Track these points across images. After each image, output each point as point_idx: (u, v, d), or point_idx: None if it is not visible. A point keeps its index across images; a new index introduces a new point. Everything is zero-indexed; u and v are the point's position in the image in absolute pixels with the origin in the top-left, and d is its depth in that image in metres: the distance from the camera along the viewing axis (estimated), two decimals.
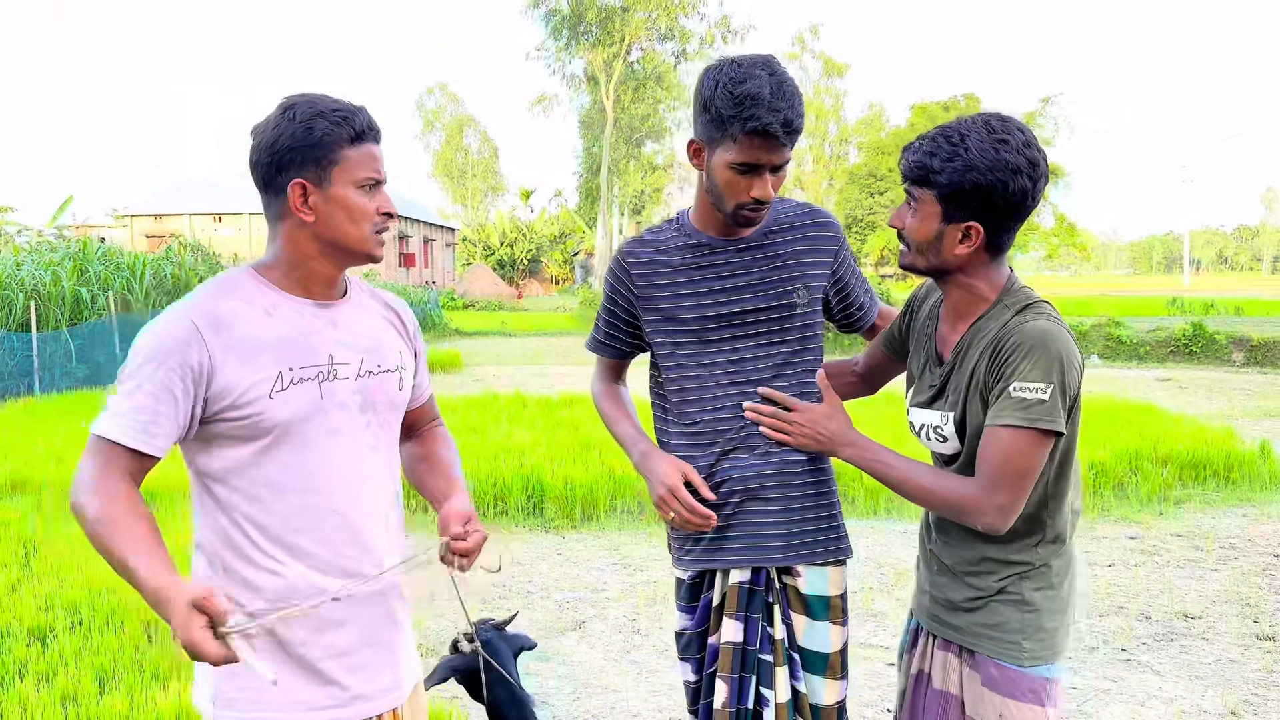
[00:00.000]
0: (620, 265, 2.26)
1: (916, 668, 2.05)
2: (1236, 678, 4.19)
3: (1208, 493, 7.73)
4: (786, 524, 2.18)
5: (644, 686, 4.18)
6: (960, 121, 1.83)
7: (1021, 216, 1.84)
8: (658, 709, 3.97)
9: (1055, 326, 1.80)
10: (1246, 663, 4.34)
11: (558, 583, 5.66)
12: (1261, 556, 6.02)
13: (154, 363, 1.64)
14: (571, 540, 6.65)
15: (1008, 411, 1.78)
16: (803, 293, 2.17)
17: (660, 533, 6.80)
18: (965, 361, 1.89)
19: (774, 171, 2.03)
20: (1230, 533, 6.59)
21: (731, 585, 2.18)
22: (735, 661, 2.16)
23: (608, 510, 7.22)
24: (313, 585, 1.73)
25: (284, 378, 1.70)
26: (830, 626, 2.19)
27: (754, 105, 1.94)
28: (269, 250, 1.79)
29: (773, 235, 2.18)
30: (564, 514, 7.12)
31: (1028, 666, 1.88)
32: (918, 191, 1.86)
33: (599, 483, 7.28)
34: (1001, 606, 1.90)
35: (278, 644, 1.72)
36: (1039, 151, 1.81)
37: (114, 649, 4.35)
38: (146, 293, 18.86)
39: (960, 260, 1.87)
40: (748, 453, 2.18)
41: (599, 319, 2.38)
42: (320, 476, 1.73)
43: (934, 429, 1.95)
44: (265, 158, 1.72)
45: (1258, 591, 5.32)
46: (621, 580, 5.71)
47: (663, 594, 5.40)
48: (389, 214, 1.78)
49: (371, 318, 1.88)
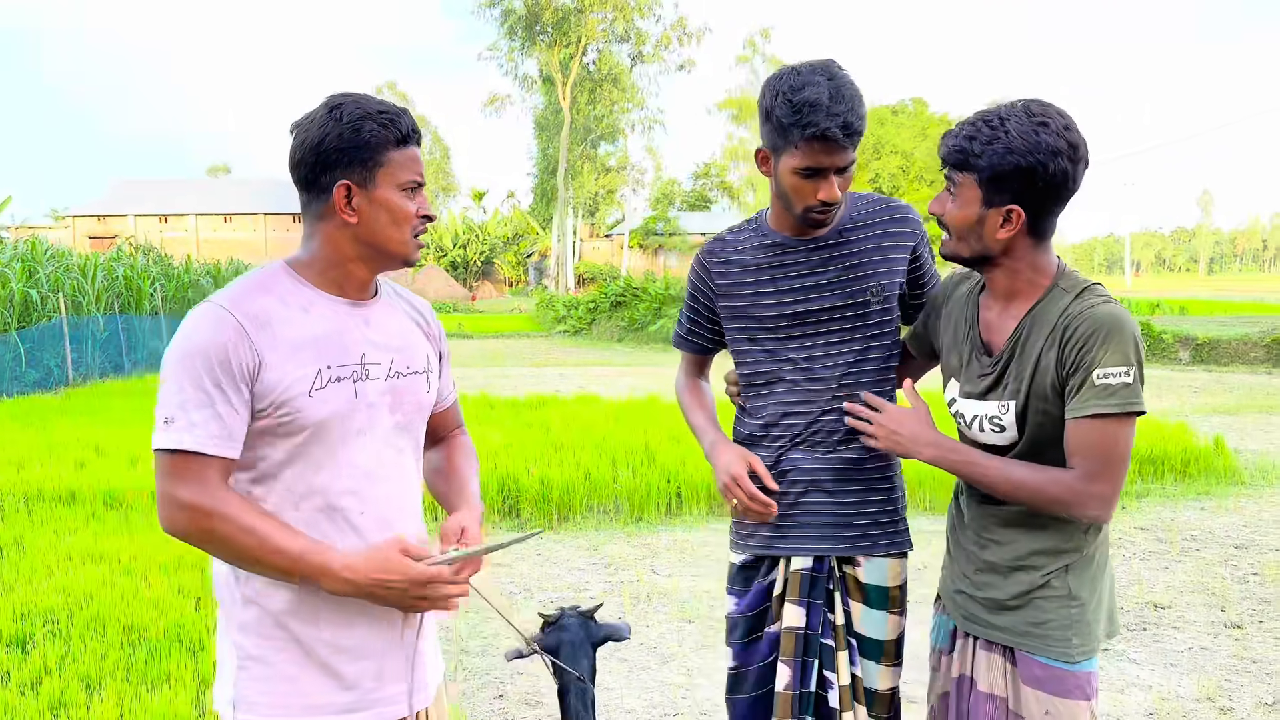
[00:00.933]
0: (701, 264, 2.35)
1: (959, 671, 2.05)
2: (1209, 665, 4.33)
3: (1166, 486, 7.96)
4: (848, 515, 2.25)
5: (636, 684, 4.22)
6: (1000, 107, 1.84)
7: (1063, 199, 1.83)
8: (651, 705, 4.01)
9: (1121, 309, 1.80)
10: (1217, 650, 4.49)
11: (539, 583, 5.68)
12: (1222, 548, 6.22)
13: (209, 363, 1.61)
14: (549, 541, 6.66)
15: (1095, 400, 1.77)
16: (876, 290, 2.21)
17: (639, 532, 6.84)
18: (1027, 349, 1.87)
19: (839, 173, 2.07)
20: (1191, 525, 6.80)
21: (794, 571, 2.26)
22: (798, 646, 2.24)
23: (584, 511, 7.24)
24: None
25: (322, 376, 1.68)
26: (887, 615, 2.25)
27: (812, 111, 1.98)
28: (305, 248, 1.77)
29: (847, 234, 2.22)
30: (540, 515, 7.13)
31: (1076, 663, 1.89)
32: (958, 176, 1.86)
33: (575, 483, 7.30)
34: (1046, 603, 1.90)
35: (298, 646, 1.70)
36: (1079, 135, 1.81)
37: (97, 656, 4.28)
38: (99, 295, 18.47)
39: (1003, 245, 1.86)
40: (814, 446, 2.25)
41: (681, 315, 2.48)
42: (350, 476, 1.72)
43: (990, 419, 1.93)
44: (310, 157, 1.69)
45: (1222, 581, 5.50)
46: (603, 580, 5.74)
47: (646, 593, 5.44)
48: (428, 217, 1.78)
49: (401, 319, 1.87)
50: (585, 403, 12.16)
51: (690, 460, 7.72)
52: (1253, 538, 6.44)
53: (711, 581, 5.65)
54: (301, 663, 1.70)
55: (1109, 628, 1.97)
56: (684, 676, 4.29)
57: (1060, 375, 1.83)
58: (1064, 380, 1.83)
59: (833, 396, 2.23)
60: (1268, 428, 11.05)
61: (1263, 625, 4.81)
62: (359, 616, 1.73)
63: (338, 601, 1.70)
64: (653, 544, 6.55)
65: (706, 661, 4.45)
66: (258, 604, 1.70)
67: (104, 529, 6.59)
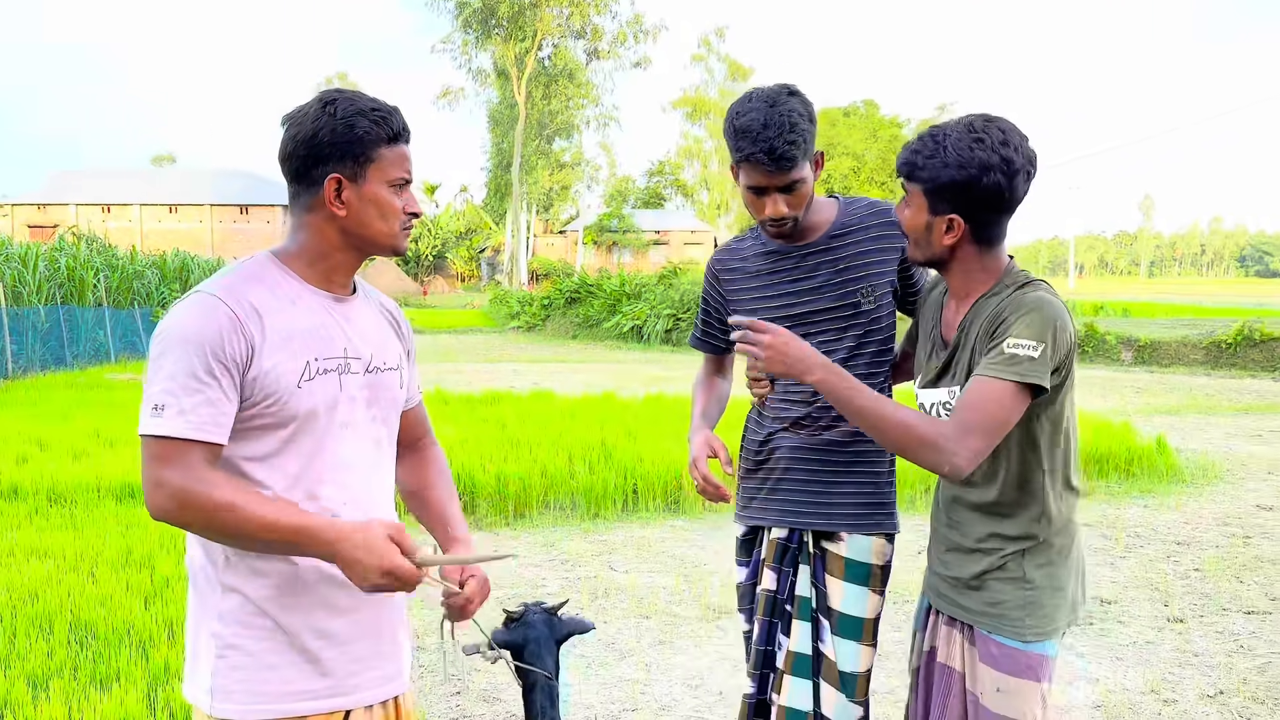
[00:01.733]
0: (711, 272, 2.56)
1: (929, 644, 2.16)
2: (1153, 658, 4.44)
3: (1110, 484, 8.15)
4: (827, 493, 2.40)
5: (594, 680, 4.23)
6: (948, 122, 1.97)
7: (1001, 209, 1.95)
8: (610, 700, 4.02)
9: (1051, 296, 1.93)
10: (1161, 644, 4.61)
11: (496, 579, 5.66)
12: (1165, 544, 6.38)
13: (201, 351, 1.62)
14: (505, 537, 6.65)
15: (997, 365, 1.86)
16: (867, 291, 2.36)
17: (595, 529, 6.86)
18: (969, 338, 2.00)
19: (783, 191, 2.23)
20: (1135, 522, 6.97)
21: (771, 540, 2.46)
22: (768, 606, 2.43)
23: (540, 507, 7.23)
24: (321, 575, 1.73)
25: (310, 368, 1.71)
26: (868, 593, 2.37)
27: (743, 138, 2.17)
28: (292, 240, 1.80)
29: (837, 239, 2.37)
30: (496, 511, 7.11)
31: (1029, 643, 1.98)
32: (908, 186, 2.01)
33: (531, 480, 7.29)
34: (1003, 585, 2.00)
35: (281, 634, 1.71)
36: (1018, 151, 1.91)
37: (43, 654, 4.19)
38: (39, 285, 18.03)
39: (948, 250, 2.00)
40: (803, 429, 2.43)
41: (697, 320, 2.68)
42: (334, 467, 1.75)
43: (944, 405, 2.05)
44: (302, 150, 1.73)
45: (1165, 577, 5.65)
46: (560, 576, 5.74)
47: (603, 589, 5.45)
48: (415, 213, 1.83)
49: (375, 316, 1.92)
50: (541, 399, 12.14)
51: (647, 457, 7.75)
52: (1194, 534, 6.62)
53: (669, 577, 5.68)
54: (283, 650, 1.71)
55: (1070, 616, 2.05)
56: (642, 672, 4.31)
57: (986, 351, 1.93)
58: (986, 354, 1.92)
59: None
60: (1207, 428, 11.35)
61: (1204, 620, 4.95)
62: (344, 601, 1.75)
63: (323, 587, 1.72)
64: (610, 540, 6.56)
65: (664, 657, 4.48)
66: (240, 591, 1.70)
67: (48, 525, 6.45)
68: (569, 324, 31.68)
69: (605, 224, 68.47)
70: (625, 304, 29.67)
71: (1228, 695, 4.02)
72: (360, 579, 1.63)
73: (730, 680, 4.18)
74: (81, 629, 4.51)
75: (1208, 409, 13.16)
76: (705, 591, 5.41)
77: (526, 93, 52.18)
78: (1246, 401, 13.96)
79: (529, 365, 20.31)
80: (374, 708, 1.83)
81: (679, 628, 4.88)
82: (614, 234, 68.45)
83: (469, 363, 20.73)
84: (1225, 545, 6.35)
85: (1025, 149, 1.93)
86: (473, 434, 8.95)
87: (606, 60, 53.74)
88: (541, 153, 57.10)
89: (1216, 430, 11.17)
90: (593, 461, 7.81)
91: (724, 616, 5.02)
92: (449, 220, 74.67)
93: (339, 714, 1.77)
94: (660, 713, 3.91)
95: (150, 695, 3.81)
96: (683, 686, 4.16)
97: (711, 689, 4.12)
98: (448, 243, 72.43)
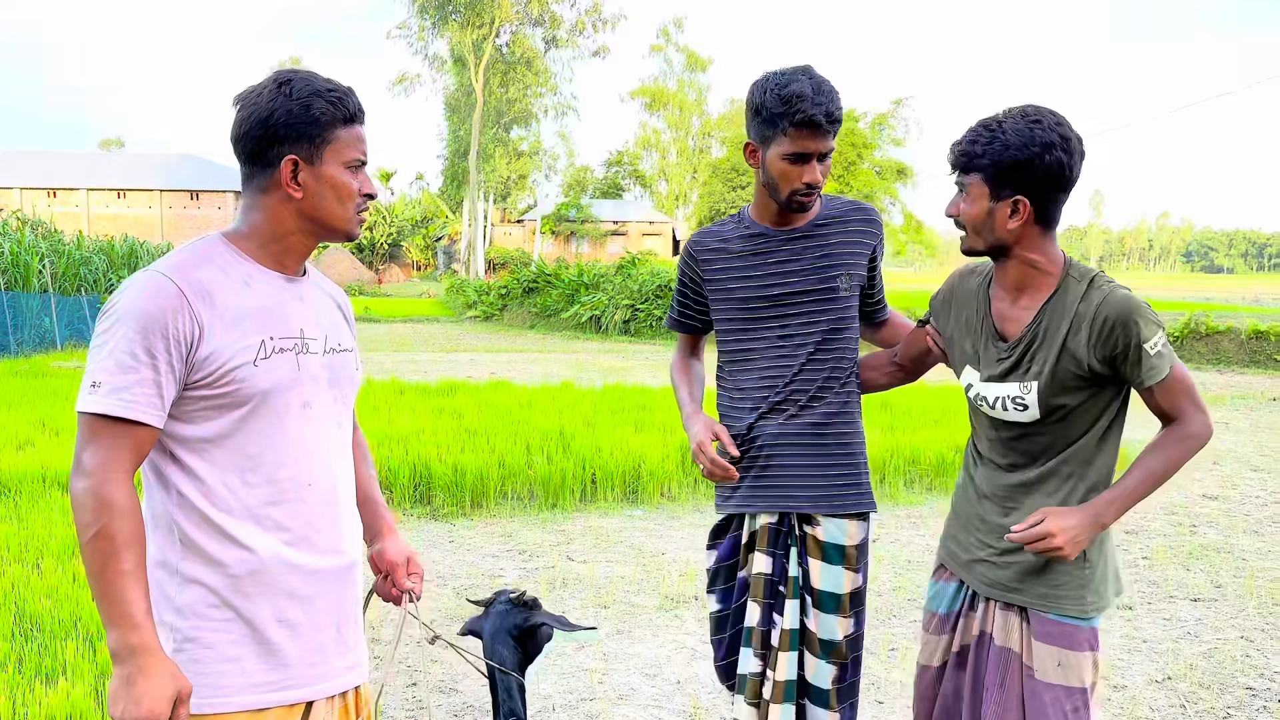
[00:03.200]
0: (690, 254, 2.63)
1: (979, 629, 2.23)
2: (1104, 644, 4.49)
3: None
4: (810, 476, 2.51)
5: (552, 670, 4.21)
6: (996, 114, 2.06)
7: (1063, 187, 2.02)
8: (568, 690, 4.01)
9: (1127, 290, 2.05)
10: (1111, 631, 4.70)
11: (452, 570, 5.62)
12: (1114, 534, 6.49)
13: (144, 329, 1.60)
14: (462, 528, 6.61)
15: (1158, 365, 2.01)
16: (845, 279, 2.50)
17: (553, 519, 6.83)
18: (1052, 334, 2.06)
19: (820, 160, 2.37)
20: None
21: (762, 525, 2.53)
22: (766, 589, 2.52)
23: (498, 498, 7.19)
24: (283, 562, 1.70)
25: (266, 346, 1.70)
26: (844, 572, 2.51)
27: (800, 101, 2.29)
28: (244, 221, 1.78)
29: (820, 227, 2.52)
30: (453, 502, 7.06)
31: (1088, 618, 2.10)
32: (966, 178, 2.07)
33: (488, 470, 7.24)
34: (1067, 567, 2.09)
35: (243, 624, 1.69)
36: (1072, 130, 2.01)
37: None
38: None
39: (1014, 235, 2.06)
40: (781, 414, 2.51)
41: (673, 300, 2.75)
42: (295, 448, 1.74)
43: (1013, 399, 2.11)
44: (257, 130, 1.71)
45: None
46: (518, 567, 5.72)
47: (561, 579, 5.44)
48: (370, 195, 1.82)
49: (325, 299, 1.91)
50: (498, 389, 12.07)
51: (605, 447, 7.73)
52: (1142, 524, 6.75)
53: (627, 567, 5.68)
54: (244, 642, 1.69)
55: (1116, 586, 2.17)
56: (600, 662, 4.30)
57: (1103, 357, 2.03)
58: (1109, 360, 2.03)
59: (800, 368, 2.49)
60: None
61: (1151, 607, 5.05)
62: (307, 589, 1.74)
63: (285, 574, 1.71)
64: (568, 530, 6.55)
65: (622, 647, 4.47)
66: (201, 584, 1.68)
67: None
68: (526, 314, 31.56)
69: (563, 214, 68.24)
70: (583, 294, 29.62)
71: (1175, 680, 4.11)
72: (125, 699, 1.53)
73: (687, 669, 4.19)
74: (27, 621, 4.40)
75: None
76: (663, 581, 5.42)
77: (484, 80, 51.80)
78: None
79: (486, 355, 20.19)
80: (334, 698, 1.81)
81: (637, 617, 4.88)
82: (572, 224, 68.25)
83: (425, 352, 20.56)
84: (1172, 534, 6.49)
85: (1076, 131, 2.03)
86: (429, 424, 8.88)
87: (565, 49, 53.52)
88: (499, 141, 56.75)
89: None
90: (551, 451, 7.78)
91: (681, 605, 5.03)
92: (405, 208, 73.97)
93: (300, 706, 1.74)
94: (618, 702, 3.91)
95: (98, 688, 3.73)
96: (640, 675, 4.16)
97: (669, 678, 4.12)
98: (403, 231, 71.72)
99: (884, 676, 4.13)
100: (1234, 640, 4.57)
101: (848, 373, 2.52)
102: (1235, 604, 5.08)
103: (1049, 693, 2.09)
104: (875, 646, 4.47)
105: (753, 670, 2.54)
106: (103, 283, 24.47)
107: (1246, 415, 12.03)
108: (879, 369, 2.58)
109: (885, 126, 43.84)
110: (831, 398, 2.50)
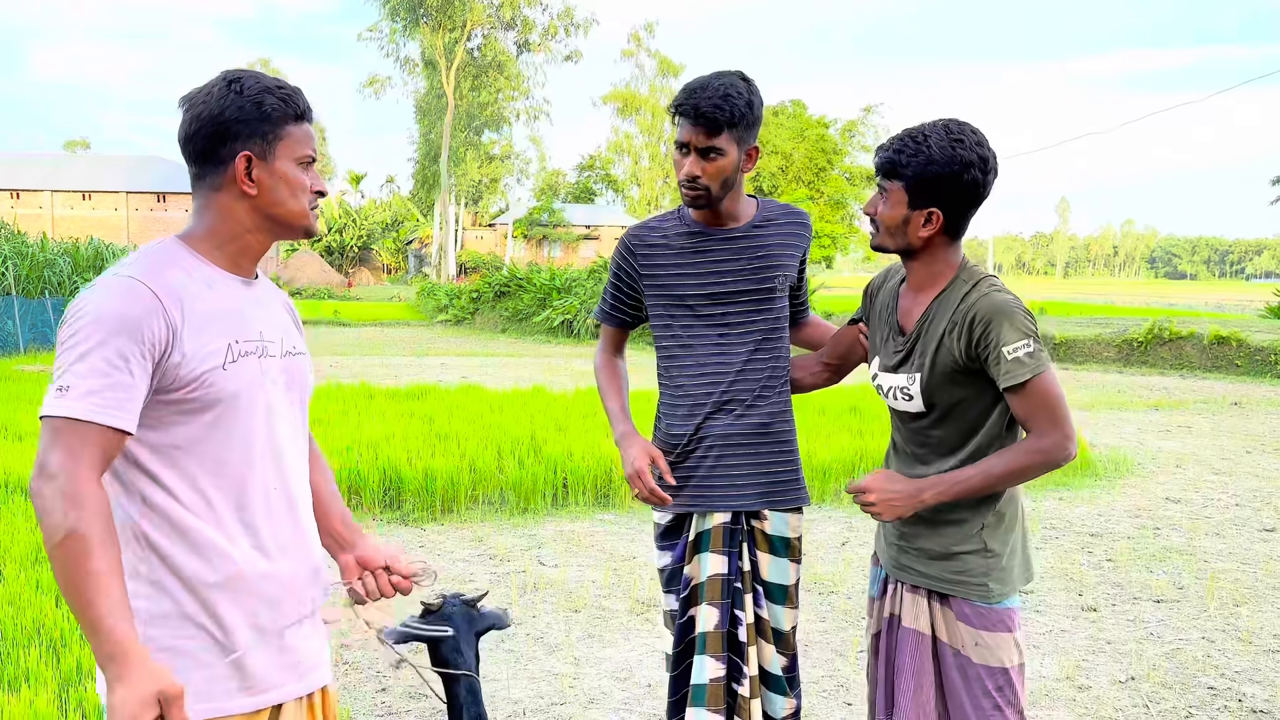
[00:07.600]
0: (626, 247, 2.63)
1: (889, 611, 2.36)
2: (1068, 645, 4.58)
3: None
4: (756, 474, 2.57)
5: (523, 674, 4.21)
6: (924, 125, 2.17)
7: (975, 204, 2.17)
8: (538, 695, 4.00)
9: (1008, 295, 2.16)
10: (1075, 632, 4.76)
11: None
12: (1079, 536, 6.58)
13: (118, 333, 1.57)
14: (432, 533, 6.58)
15: (1016, 370, 2.08)
16: (781, 279, 2.56)
17: (525, 523, 6.82)
18: (932, 330, 2.19)
19: (702, 155, 2.39)
20: (1050, 515, 7.17)
21: (715, 525, 2.55)
22: (724, 589, 2.53)
23: (469, 502, 7.17)
24: (253, 566, 1.70)
25: (233, 350, 1.70)
26: (789, 564, 2.60)
27: (683, 92, 2.39)
28: (199, 223, 1.77)
29: (759, 229, 2.57)
30: (423, 506, 7.02)
31: (995, 602, 2.21)
32: (888, 183, 2.19)
33: (459, 474, 7.21)
34: (969, 556, 2.21)
35: (219, 629, 1.67)
36: (990, 150, 2.15)
37: None
38: None
39: (924, 241, 2.19)
40: (728, 413, 2.55)
41: (605, 292, 2.74)
42: (261, 452, 1.73)
43: (901, 390, 2.25)
44: (209, 128, 1.71)
45: (1079, 568, 5.83)
46: (489, 571, 5.70)
47: (533, 583, 5.43)
48: (321, 191, 1.83)
49: (277, 303, 1.91)
50: (469, 393, 12.01)
51: (577, 451, 7.72)
52: (1106, 526, 6.84)
53: (598, 572, 5.68)
54: (215, 648, 1.68)
55: (1025, 574, 2.28)
56: (571, 666, 4.30)
57: (969, 355, 2.14)
58: (975, 359, 2.14)
59: (743, 366, 2.54)
60: (1119, 423, 11.73)
61: (1115, 608, 5.12)
62: (274, 590, 1.73)
63: (258, 580, 1.71)
64: (539, 534, 6.54)
65: (593, 651, 4.47)
66: (171, 593, 1.66)
67: None
68: (498, 318, 31.44)
69: (535, 218, 68.07)
70: (555, 298, 29.55)
71: (1139, 681, 4.17)
72: (119, 703, 1.45)
73: (658, 673, 4.20)
74: None
75: (1120, 405, 13.60)
76: (635, 585, 5.42)
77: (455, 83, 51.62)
78: (1156, 398, 14.46)
79: (457, 359, 20.10)
80: (302, 699, 1.81)
81: (608, 621, 4.88)
82: (544, 228, 68.09)
83: (396, 356, 20.44)
84: (1136, 536, 6.58)
85: (993, 150, 2.16)
86: (399, 429, 8.83)
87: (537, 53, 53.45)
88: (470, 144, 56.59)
89: (1128, 426, 11.55)
90: (522, 456, 7.76)
91: (653, 609, 5.03)
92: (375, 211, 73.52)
93: (266, 710, 1.73)
94: (589, 705, 3.91)
95: (62, 695, 3.69)
96: (611, 679, 4.16)
97: (640, 681, 4.13)
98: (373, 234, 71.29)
99: (853, 678, 4.16)
100: (1196, 641, 4.65)
101: (785, 372, 2.59)
102: (1197, 605, 5.16)
103: (970, 669, 2.20)
104: (844, 648, 4.50)
105: (714, 675, 2.53)
106: (67, 285, 24.11)
107: (1209, 419, 12.22)
108: (807, 369, 2.67)
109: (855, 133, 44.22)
110: (775, 397, 2.58)
